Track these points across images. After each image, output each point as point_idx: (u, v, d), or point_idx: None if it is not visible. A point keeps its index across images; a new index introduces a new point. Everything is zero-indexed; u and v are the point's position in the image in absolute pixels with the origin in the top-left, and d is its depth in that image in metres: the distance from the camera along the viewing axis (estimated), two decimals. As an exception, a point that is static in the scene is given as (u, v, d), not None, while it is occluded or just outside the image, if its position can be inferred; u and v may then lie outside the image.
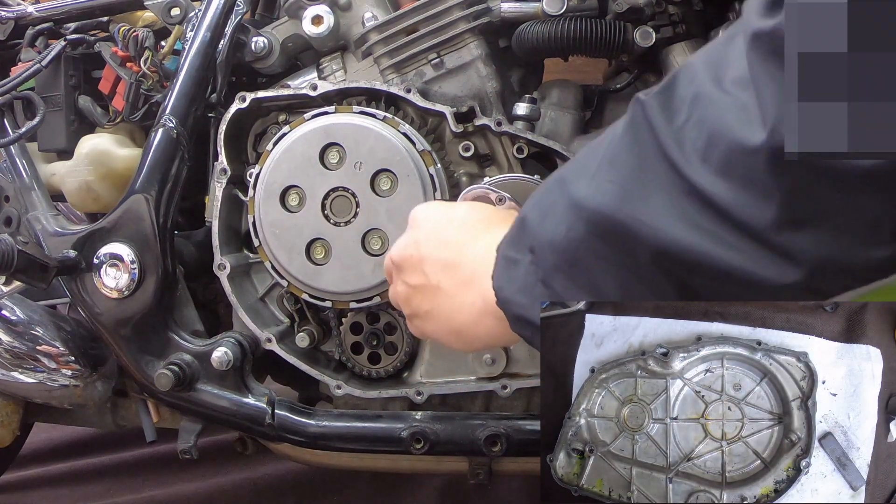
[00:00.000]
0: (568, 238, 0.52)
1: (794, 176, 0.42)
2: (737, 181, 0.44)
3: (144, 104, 1.17)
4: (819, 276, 0.44)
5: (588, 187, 0.51)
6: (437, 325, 0.71)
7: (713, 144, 0.44)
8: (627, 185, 0.48)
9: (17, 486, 1.74)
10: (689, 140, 0.45)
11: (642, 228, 0.47)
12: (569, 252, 0.53)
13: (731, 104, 0.44)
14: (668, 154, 0.46)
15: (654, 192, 0.47)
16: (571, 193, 0.52)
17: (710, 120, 0.44)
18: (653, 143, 0.47)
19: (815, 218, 0.43)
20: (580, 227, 0.51)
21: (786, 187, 0.43)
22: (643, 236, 0.47)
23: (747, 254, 0.45)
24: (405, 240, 0.72)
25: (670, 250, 0.47)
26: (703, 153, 0.44)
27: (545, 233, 0.55)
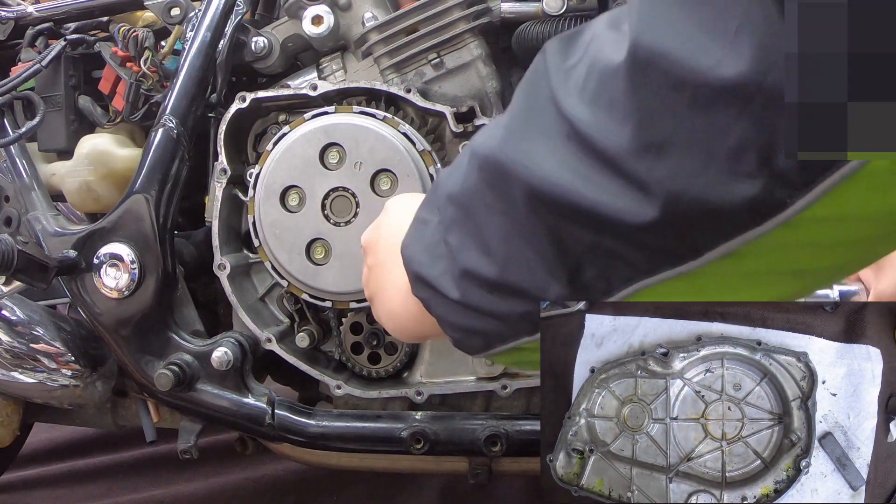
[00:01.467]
0: (463, 188, 0.51)
1: (653, 93, 0.39)
2: (602, 107, 0.41)
3: (144, 104, 1.17)
4: (678, 215, 0.40)
5: (482, 134, 0.50)
6: (380, 307, 0.68)
7: (590, 75, 0.43)
8: (513, 127, 0.47)
9: (17, 486, 1.74)
10: (574, 77, 0.44)
11: (516, 167, 0.46)
12: (463, 202, 0.51)
13: (614, 37, 0.42)
14: (554, 93, 0.44)
15: (535, 132, 0.45)
16: (472, 143, 0.51)
17: (593, 53, 0.43)
18: (544, 84, 0.45)
19: (672, 142, 0.39)
20: (473, 175, 0.50)
21: (643, 106, 0.40)
22: (516, 175, 0.46)
23: (605, 187, 0.42)
24: (373, 224, 0.72)
25: (541, 189, 0.44)
26: (581, 86, 0.43)
27: (447, 187, 0.53)
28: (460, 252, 0.52)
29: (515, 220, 0.47)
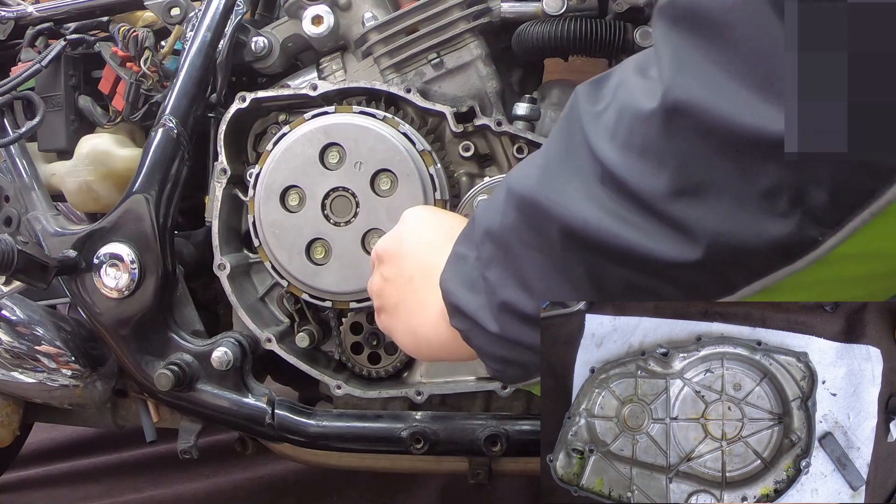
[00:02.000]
0: (502, 226, 0.53)
1: (686, 140, 0.41)
2: (635, 151, 0.43)
3: (144, 104, 1.17)
4: (718, 253, 0.42)
5: (518, 172, 0.52)
6: (398, 321, 0.69)
7: (620, 120, 0.44)
8: (549, 167, 0.49)
9: (17, 486, 1.75)
10: (604, 121, 0.45)
11: (552, 206, 0.48)
12: (502, 239, 0.53)
13: (643, 85, 0.44)
14: (587, 136, 0.46)
15: (572, 174, 0.47)
16: (508, 181, 0.53)
17: (622, 99, 0.45)
18: (578, 127, 0.47)
19: (709, 186, 0.41)
20: (511, 214, 0.52)
21: (677, 152, 0.42)
22: (552, 214, 0.47)
23: (644, 229, 0.44)
24: (391, 234, 0.72)
25: (576, 228, 0.46)
26: (612, 130, 0.45)
27: (485, 223, 0.55)
28: (499, 287, 0.53)
29: (552, 257, 0.49)
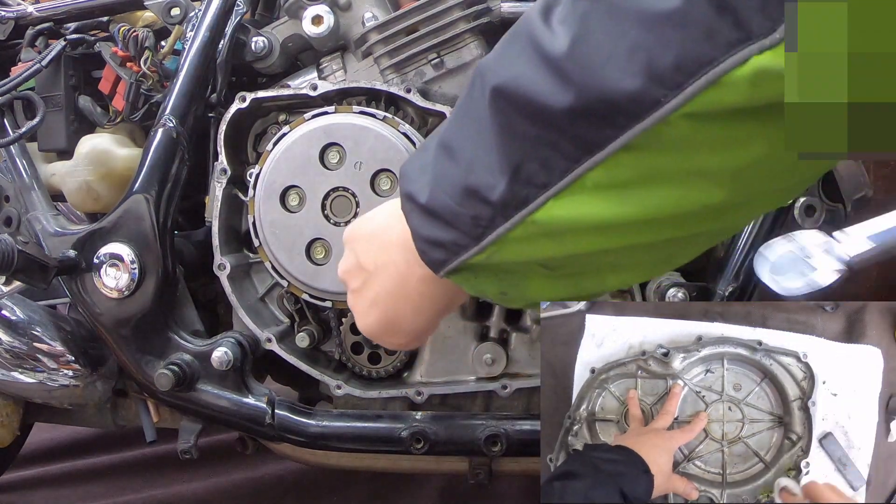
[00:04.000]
0: (456, 105, 0.59)
1: (591, 4, 0.48)
2: (556, 19, 0.50)
3: (144, 104, 1.17)
4: (587, 101, 0.48)
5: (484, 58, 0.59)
6: (363, 298, 0.71)
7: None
8: (501, 45, 0.56)
9: (17, 486, 1.74)
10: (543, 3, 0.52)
11: (490, 70, 0.54)
12: (453, 118, 0.59)
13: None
14: (530, 17, 0.53)
15: (513, 48, 0.54)
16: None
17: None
18: (526, 14, 0.54)
19: (592, 42, 0.48)
20: (465, 91, 0.58)
21: (583, 14, 0.49)
22: (490, 76, 0.54)
23: (544, 80, 0.50)
24: (362, 216, 0.75)
25: (502, 84, 0.53)
26: (546, 5, 0.52)
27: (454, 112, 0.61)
28: (436, 161, 0.59)
29: (480, 120, 0.55)
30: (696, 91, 0.45)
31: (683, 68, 0.45)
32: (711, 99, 0.45)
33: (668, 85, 0.45)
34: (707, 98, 0.45)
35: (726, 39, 0.43)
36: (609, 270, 0.59)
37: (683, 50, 0.44)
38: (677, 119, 0.46)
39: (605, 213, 0.52)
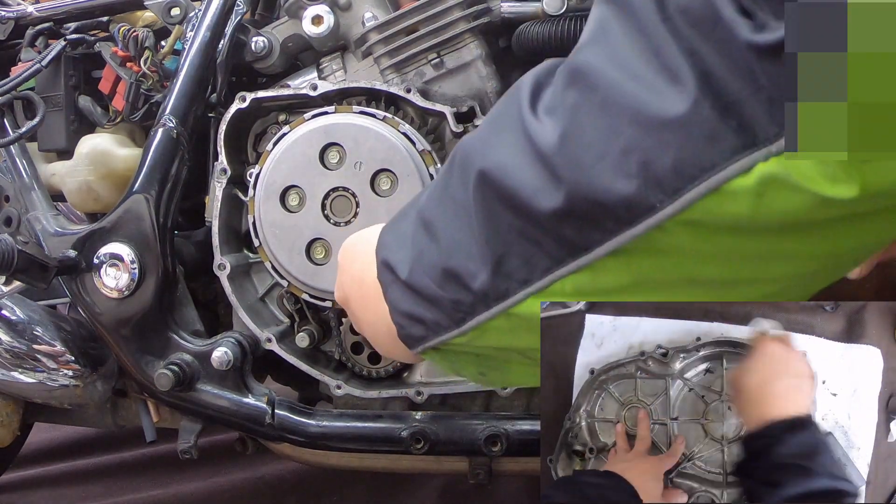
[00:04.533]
0: (438, 180, 0.57)
1: (580, 96, 0.46)
2: (544, 109, 0.48)
3: (144, 104, 1.17)
4: (576, 202, 0.45)
5: (467, 134, 0.58)
6: (353, 315, 0.71)
7: (543, 80, 0.50)
8: (486, 125, 0.54)
9: (17, 486, 1.74)
10: (531, 86, 0.50)
11: (476, 153, 0.52)
12: (435, 194, 0.57)
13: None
14: (520, 101, 0.50)
15: (502, 132, 0.51)
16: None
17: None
18: (515, 94, 0.51)
19: (583, 138, 0.45)
20: (446, 167, 0.56)
21: (573, 106, 0.46)
22: (474, 159, 0.52)
23: (530, 174, 0.47)
24: (357, 233, 0.73)
25: (488, 171, 0.50)
26: (534, 93, 0.50)
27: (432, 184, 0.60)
28: (416, 237, 0.57)
29: (463, 204, 0.53)
30: (696, 197, 0.42)
31: (682, 173, 0.42)
32: (712, 207, 0.42)
33: (666, 190, 0.42)
34: (707, 206, 0.42)
35: (730, 145, 0.40)
36: None
37: (683, 153, 0.41)
38: (674, 226, 0.43)
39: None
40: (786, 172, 0.39)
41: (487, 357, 0.59)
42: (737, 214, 0.42)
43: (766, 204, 0.41)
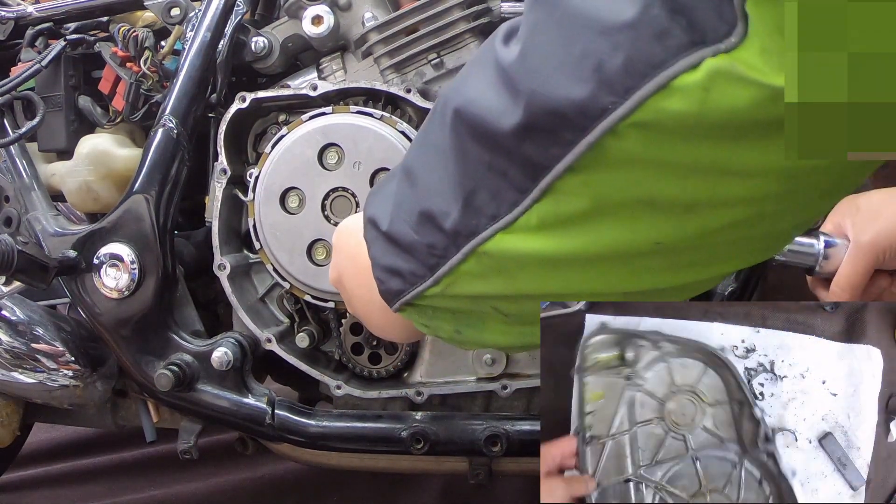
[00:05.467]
0: (419, 131, 0.58)
1: (541, 8, 0.47)
2: (514, 30, 0.49)
3: (144, 104, 1.17)
4: (535, 114, 0.46)
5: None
6: (345, 297, 0.71)
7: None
8: (464, 70, 0.55)
9: (17, 486, 1.74)
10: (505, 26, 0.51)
11: (453, 94, 0.53)
12: (417, 146, 0.58)
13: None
14: (494, 38, 0.51)
15: (477, 72, 0.52)
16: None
17: None
18: (492, 36, 0.52)
19: (540, 48, 0.46)
20: (433, 116, 0.56)
21: (534, 21, 0.47)
22: (452, 99, 0.52)
23: (494, 96, 0.48)
24: (331, 265, 0.74)
25: (462, 107, 0.51)
26: (508, 29, 0.50)
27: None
28: (398, 189, 0.58)
29: (440, 145, 0.53)
30: (646, 95, 0.42)
31: (633, 71, 0.42)
32: (661, 105, 0.42)
33: (617, 90, 0.43)
34: (656, 104, 0.42)
35: (678, 42, 0.41)
36: None
37: (633, 53, 0.42)
38: (626, 129, 0.43)
39: (551, 248, 0.50)
40: (732, 65, 0.40)
41: (463, 313, 0.59)
42: (685, 112, 0.42)
43: (714, 99, 0.41)
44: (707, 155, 0.44)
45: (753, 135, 0.42)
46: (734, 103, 0.41)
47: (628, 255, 0.50)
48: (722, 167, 0.44)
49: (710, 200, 0.46)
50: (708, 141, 0.43)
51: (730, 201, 0.46)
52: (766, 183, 0.45)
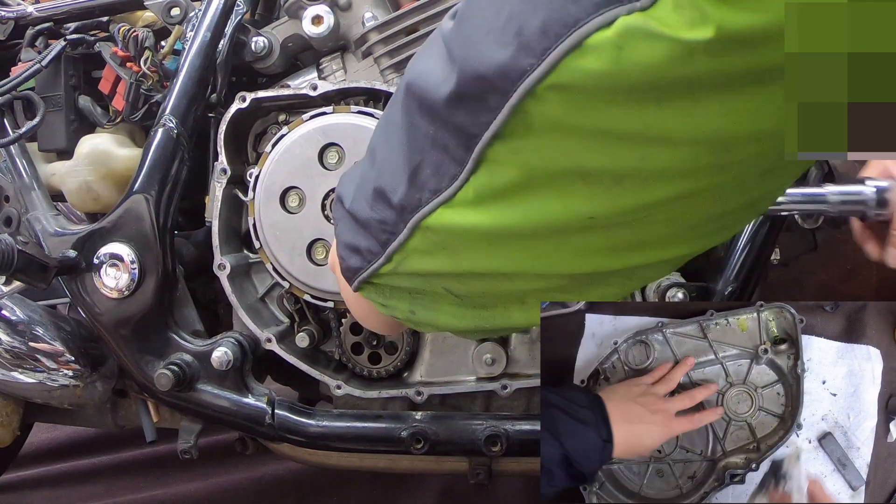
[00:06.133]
0: (385, 111, 0.58)
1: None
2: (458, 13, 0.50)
3: (144, 104, 1.17)
4: (466, 81, 0.46)
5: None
6: (355, 313, 0.71)
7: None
8: (420, 50, 0.55)
9: (17, 486, 1.75)
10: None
11: (408, 73, 0.53)
12: (378, 129, 0.58)
13: None
14: (443, 23, 0.51)
15: (428, 48, 0.52)
16: None
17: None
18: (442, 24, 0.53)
19: (471, 16, 0.47)
20: (395, 96, 0.56)
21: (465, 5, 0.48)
22: (406, 78, 0.53)
23: (436, 66, 0.49)
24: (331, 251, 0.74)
25: (412, 82, 0.52)
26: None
27: None
28: (364, 168, 0.58)
29: (394, 122, 0.54)
30: (560, 55, 0.42)
31: (549, 32, 0.42)
32: (576, 65, 0.42)
33: (535, 51, 0.43)
34: (572, 64, 0.42)
35: (593, 1, 0.41)
36: (514, 303, 0.58)
37: (549, 14, 0.42)
38: (544, 91, 0.43)
39: (488, 222, 0.50)
40: (645, 21, 0.40)
41: (418, 293, 0.59)
42: (600, 72, 0.41)
43: (627, 57, 0.41)
44: (631, 119, 0.43)
45: (674, 97, 0.42)
46: (648, 60, 0.40)
47: (563, 229, 0.50)
48: (647, 133, 0.44)
49: (640, 171, 0.46)
50: (630, 103, 0.43)
51: (660, 173, 0.46)
52: (697, 153, 0.44)
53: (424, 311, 0.61)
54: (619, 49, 0.40)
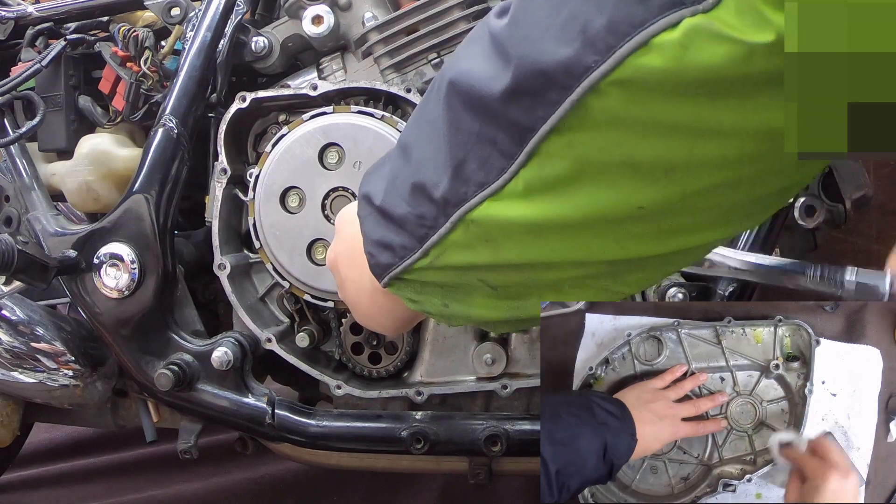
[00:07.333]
0: (418, 107, 0.59)
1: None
2: (507, 10, 0.51)
3: (144, 104, 1.17)
4: (523, 76, 0.47)
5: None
6: (357, 312, 0.72)
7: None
8: (460, 48, 0.56)
9: (17, 486, 1.74)
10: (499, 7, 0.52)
11: (448, 69, 0.54)
12: (413, 123, 0.59)
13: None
14: (489, 14, 0.53)
15: (471, 47, 0.53)
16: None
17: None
18: (486, 18, 0.54)
19: (528, 15, 0.48)
20: (429, 92, 0.58)
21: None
22: (447, 73, 0.54)
23: (485, 63, 0.50)
24: (330, 247, 0.74)
25: (455, 78, 0.53)
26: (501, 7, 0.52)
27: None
28: (394, 165, 0.59)
29: (435, 118, 0.54)
30: (626, 53, 0.44)
31: (615, 30, 0.44)
32: (641, 62, 0.43)
33: (600, 49, 0.44)
34: (637, 62, 0.44)
35: (660, 3, 0.43)
36: (550, 292, 0.58)
37: (616, 14, 0.44)
38: (607, 87, 0.45)
39: (536, 214, 0.51)
40: (710, 23, 0.41)
41: (451, 286, 0.60)
42: (664, 69, 0.43)
43: (691, 56, 0.42)
44: (685, 114, 0.45)
45: (729, 93, 0.43)
46: (711, 60, 0.42)
47: (611, 219, 0.51)
48: (699, 127, 0.45)
49: (689, 162, 0.47)
50: (686, 99, 0.44)
51: (708, 163, 0.47)
52: (742, 143, 0.46)
53: (457, 304, 0.61)
54: (683, 48, 0.42)
